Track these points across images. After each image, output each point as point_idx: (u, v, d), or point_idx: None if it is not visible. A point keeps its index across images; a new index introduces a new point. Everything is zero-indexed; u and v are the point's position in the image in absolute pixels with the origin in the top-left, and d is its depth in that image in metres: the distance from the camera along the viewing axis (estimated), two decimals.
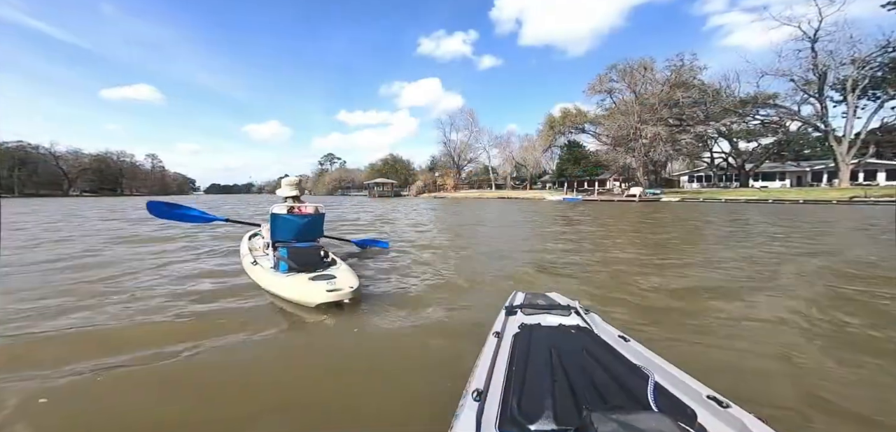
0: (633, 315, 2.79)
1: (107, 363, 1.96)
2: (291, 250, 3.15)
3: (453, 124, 62.75)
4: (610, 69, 40.56)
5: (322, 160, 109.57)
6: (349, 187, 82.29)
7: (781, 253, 5.48)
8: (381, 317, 2.72)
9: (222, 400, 1.68)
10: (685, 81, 33.44)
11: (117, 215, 13.10)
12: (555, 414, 0.87)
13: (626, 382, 1.01)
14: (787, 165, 39.31)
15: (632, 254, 5.48)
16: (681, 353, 2.06)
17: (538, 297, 1.76)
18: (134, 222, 10.57)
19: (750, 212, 15.00)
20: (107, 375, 1.85)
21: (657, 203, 26.89)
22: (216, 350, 2.15)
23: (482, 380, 1.04)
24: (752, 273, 4.14)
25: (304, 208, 3.53)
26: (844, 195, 22.13)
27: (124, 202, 30.22)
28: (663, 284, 3.65)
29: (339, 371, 1.96)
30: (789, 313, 2.74)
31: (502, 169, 60.59)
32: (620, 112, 36.66)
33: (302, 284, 2.80)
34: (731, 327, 2.52)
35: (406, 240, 7.00)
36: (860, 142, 30.55)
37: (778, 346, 2.18)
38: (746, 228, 9.28)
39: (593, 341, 1.28)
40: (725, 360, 2.03)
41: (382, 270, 4.27)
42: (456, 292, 3.43)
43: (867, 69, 29.44)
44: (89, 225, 9.86)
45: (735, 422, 0.84)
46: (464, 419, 0.87)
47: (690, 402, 0.94)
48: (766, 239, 7.21)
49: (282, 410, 1.60)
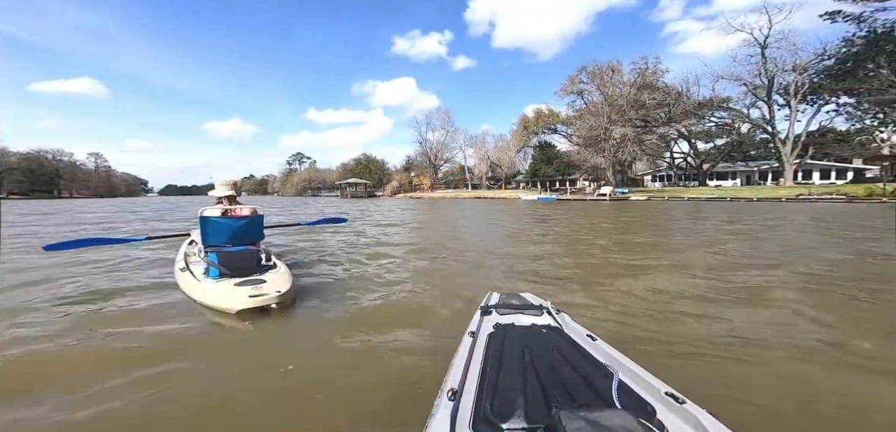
0: (615, 317, 2.72)
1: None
2: (223, 255, 3.03)
3: (429, 124, 62.30)
4: (580, 71, 41.80)
5: (290, 159, 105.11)
6: (320, 188, 79.28)
7: (752, 252, 5.53)
8: (311, 322, 2.61)
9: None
10: (650, 84, 35.06)
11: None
12: (526, 412, 0.89)
13: (592, 380, 1.04)
14: (737, 165, 42.43)
15: (618, 257, 5.28)
16: (657, 353, 2.08)
17: (512, 298, 1.81)
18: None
19: (712, 210, 15.76)
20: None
21: (626, 201, 27.98)
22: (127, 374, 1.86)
23: (457, 380, 1.06)
24: (733, 272, 4.13)
25: (239, 211, 3.36)
26: (791, 193, 24.08)
27: (57, 205, 27.05)
28: (650, 287, 3.53)
29: (257, 384, 1.82)
30: (789, 316, 2.72)
31: (478, 169, 60.93)
32: (590, 113, 37.80)
33: (227, 290, 2.69)
34: (723, 330, 2.40)
35: (367, 245, 6.45)
36: (801, 144, 33.55)
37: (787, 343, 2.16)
38: (715, 226, 9.56)
39: (563, 340, 1.32)
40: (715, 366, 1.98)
41: (329, 272, 4.23)
42: (411, 301, 3.21)
43: (806, 75, 32.34)
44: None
45: (690, 417, 0.89)
46: (439, 418, 0.89)
47: (650, 399, 0.98)
48: (733, 236, 7.37)
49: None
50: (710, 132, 41.76)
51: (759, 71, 34.15)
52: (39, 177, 73.89)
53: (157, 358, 2.00)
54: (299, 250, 5.86)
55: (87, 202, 40.81)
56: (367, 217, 13.72)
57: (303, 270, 4.29)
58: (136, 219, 14.40)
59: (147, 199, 68.74)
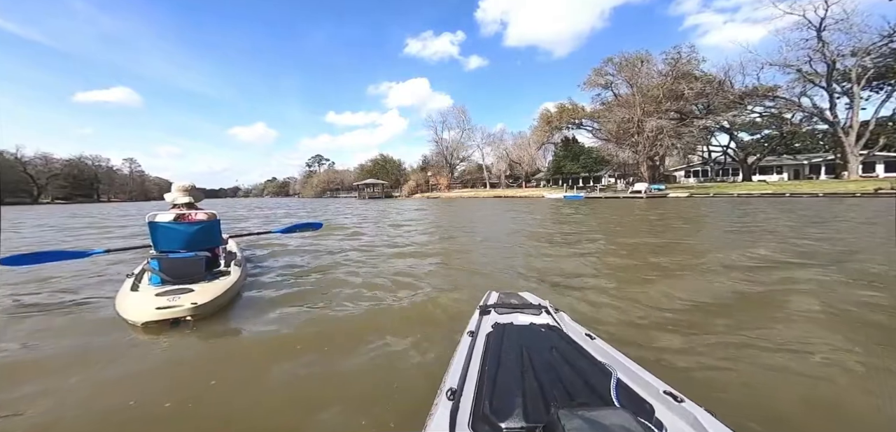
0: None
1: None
2: (164, 261, 2.82)
3: (445, 122, 61.12)
4: (606, 62, 39.59)
5: (310, 161, 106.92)
6: (338, 189, 79.72)
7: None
8: (234, 337, 2.34)
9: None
10: (687, 73, 32.17)
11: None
12: (525, 411, 0.89)
13: (591, 379, 1.03)
14: (783, 159, 38.63)
15: (723, 281, 3.62)
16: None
17: (511, 297, 1.79)
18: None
19: (774, 209, 13.43)
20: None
21: (664, 199, 25.49)
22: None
23: (456, 379, 1.06)
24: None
25: (193, 215, 3.14)
26: (864, 187, 20.91)
27: (100, 209, 27.99)
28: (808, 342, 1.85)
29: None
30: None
31: (496, 167, 59.20)
32: (620, 105, 35.23)
33: (140, 300, 2.47)
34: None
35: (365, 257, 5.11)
36: (867, 134, 29.65)
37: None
38: (798, 230, 7.56)
39: (562, 339, 1.31)
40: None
41: (285, 283, 3.69)
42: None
43: (869, 58, 28.59)
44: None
45: (688, 415, 0.88)
46: (438, 417, 0.89)
47: (649, 397, 0.97)
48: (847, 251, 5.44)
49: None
50: (756, 123, 38.17)
51: (812, 57, 30.61)
52: (80, 183, 78.23)
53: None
54: (297, 252, 5.18)
55: (116, 206, 42.42)
56: (382, 221, 12.50)
57: (275, 277, 3.86)
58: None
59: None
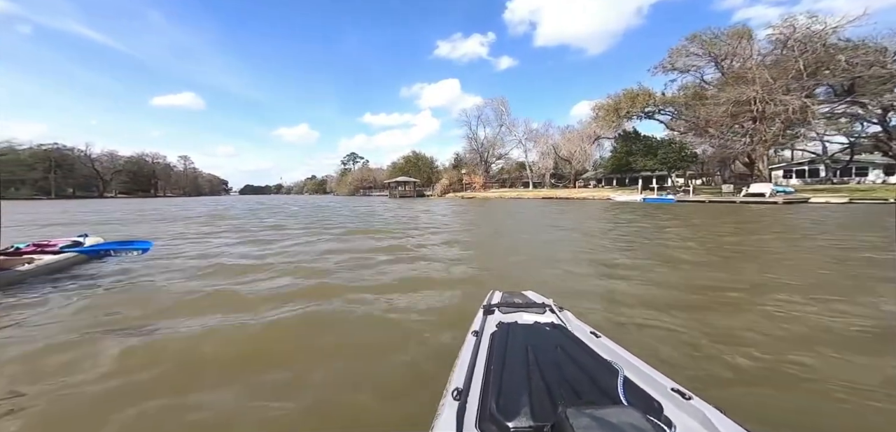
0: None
1: None
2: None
3: (480, 117, 55.03)
4: (691, 40, 31.99)
5: (345, 159, 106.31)
6: (371, 187, 77.05)
7: None
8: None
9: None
10: (832, 45, 22.85)
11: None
12: (532, 410, 0.89)
13: (597, 377, 1.03)
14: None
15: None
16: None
17: (515, 296, 1.78)
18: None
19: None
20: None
21: (805, 205, 17.54)
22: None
23: (462, 379, 1.05)
24: None
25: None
26: None
27: (143, 204, 26.30)
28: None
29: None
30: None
31: (538, 165, 52.01)
32: (737, 80, 26.39)
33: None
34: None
35: None
36: None
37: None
38: None
39: (567, 338, 1.30)
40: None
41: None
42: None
43: None
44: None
45: (697, 413, 0.87)
46: (444, 418, 0.88)
47: (657, 395, 0.96)
48: None
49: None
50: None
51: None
52: (139, 178, 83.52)
53: None
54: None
55: (166, 200, 41.91)
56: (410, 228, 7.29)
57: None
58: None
59: (230, 198, 73.91)
